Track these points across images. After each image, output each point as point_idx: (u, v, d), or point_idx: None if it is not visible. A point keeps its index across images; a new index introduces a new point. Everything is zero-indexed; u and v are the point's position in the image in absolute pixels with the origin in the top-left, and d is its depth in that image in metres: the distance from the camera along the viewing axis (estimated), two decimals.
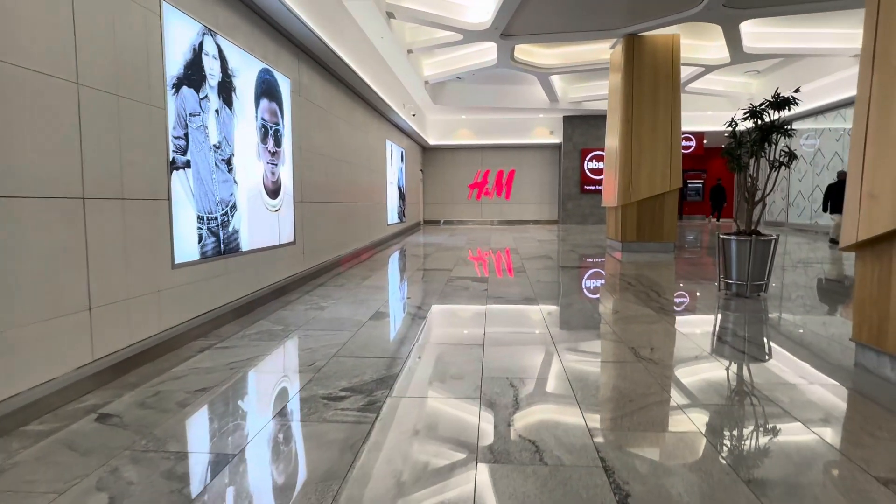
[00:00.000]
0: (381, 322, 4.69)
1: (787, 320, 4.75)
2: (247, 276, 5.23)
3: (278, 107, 5.99)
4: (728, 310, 5.19)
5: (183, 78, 4.08)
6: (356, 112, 9.67)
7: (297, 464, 2.24)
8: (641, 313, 4.97)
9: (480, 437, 2.44)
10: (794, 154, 5.41)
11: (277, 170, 5.98)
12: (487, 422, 2.60)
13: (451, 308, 5.32)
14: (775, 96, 5.26)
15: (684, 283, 6.86)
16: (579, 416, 2.67)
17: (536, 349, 3.84)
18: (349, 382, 3.18)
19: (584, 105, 16.90)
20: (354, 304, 5.48)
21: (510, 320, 4.74)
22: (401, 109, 12.53)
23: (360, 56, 8.46)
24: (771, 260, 5.61)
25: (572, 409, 2.76)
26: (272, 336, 4.26)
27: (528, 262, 8.72)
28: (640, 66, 9.69)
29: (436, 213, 20.90)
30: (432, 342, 4.04)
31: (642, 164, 9.79)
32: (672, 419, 2.63)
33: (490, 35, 9.76)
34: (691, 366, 3.46)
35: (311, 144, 7.19)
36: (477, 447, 2.34)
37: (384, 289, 6.35)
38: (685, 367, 3.44)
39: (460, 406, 2.81)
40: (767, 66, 14.04)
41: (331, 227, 8.08)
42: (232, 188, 4.89)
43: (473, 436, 2.46)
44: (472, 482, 2.07)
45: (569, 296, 6.00)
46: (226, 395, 3.00)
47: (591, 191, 19.08)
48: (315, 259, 7.25)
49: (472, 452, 2.30)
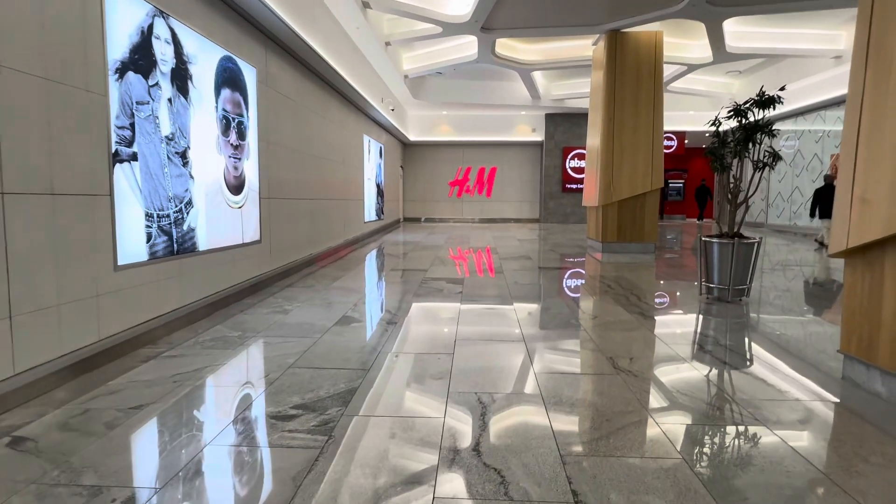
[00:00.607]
0: (346, 328, 4.41)
1: (769, 327, 4.58)
2: (205, 278, 4.91)
3: (242, 97, 5.65)
4: (709, 315, 5.01)
5: (129, 62, 3.75)
6: (331, 106, 9.33)
7: (228, 501, 1.96)
8: (620, 319, 4.76)
9: (440, 464, 2.19)
10: (778, 155, 5.25)
11: (241, 164, 5.65)
12: (450, 446, 2.35)
13: (422, 313, 5.06)
14: (760, 95, 5.09)
15: (665, 286, 6.69)
16: (551, 438, 2.43)
17: (510, 360, 3.60)
18: (302, 398, 2.90)
19: (566, 103, 16.73)
20: (321, 307, 5.19)
21: (483, 328, 4.49)
22: (379, 104, 12.21)
23: (334, 47, 8.13)
24: (754, 263, 5.45)
25: (544, 430, 2.51)
26: (227, 343, 3.96)
27: (506, 263, 8.49)
28: (623, 63, 9.51)
29: (416, 211, 20.60)
30: (397, 351, 3.78)
31: (623, 164, 9.62)
32: (651, 443, 2.40)
33: (470, 28, 9.49)
34: (672, 379, 3.25)
35: (280, 138, 6.86)
36: (436, 477, 2.09)
37: (355, 291, 6.06)
38: (665, 381, 3.22)
39: (421, 427, 2.55)
40: (749, 66, 14.00)
41: (302, 225, 7.76)
42: (187, 183, 4.56)
43: (433, 462, 2.20)
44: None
45: (546, 299, 5.78)
46: (162, 414, 2.70)
47: (572, 189, 18.96)
48: (283, 258, 6.93)
49: (429, 484, 2.04)
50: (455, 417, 2.66)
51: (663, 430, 2.52)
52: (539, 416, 2.68)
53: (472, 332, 4.31)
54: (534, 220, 20.32)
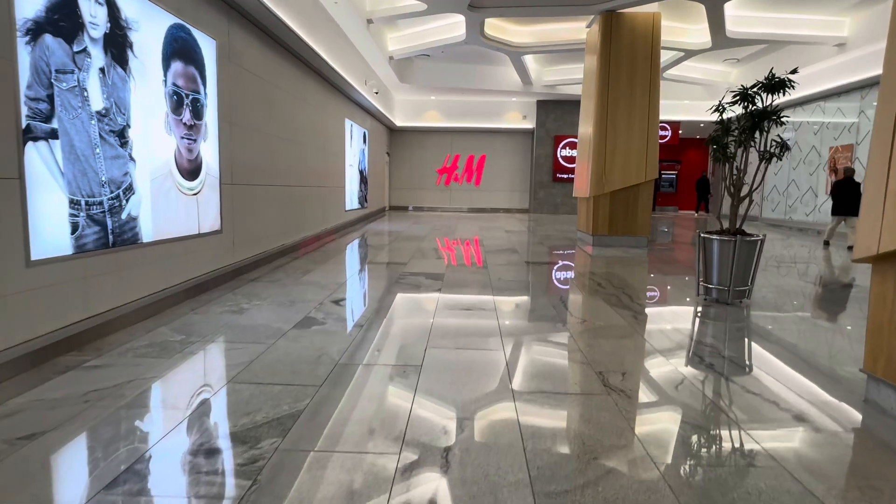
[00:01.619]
0: (306, 332, 3.92)
1: (776, 336, 4.15)
2: (151, 273, 4.39)
3: (198, 72, 5.10)
4: (708, 319, 4.58)
5: (45, 23, 3.20)
6: (308, 86, 8.76)
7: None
8: (612, 323, 4.31)
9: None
10: (786, 144, 4.80)
11: (196, 146, 5.10)
12: (401, 496, 1.89)
13: (394, 314, 4.58)
14: (769, 77, 4.62)
15: (659, 285, 6.26)
16: (527, 485, 1.97)
17: (485, 377, 3.13)
18: (234, 425, 2.43)
19: (558, 89, 16.20)
20: (283, 305, 4.70)
21: (459, 334, 4.02)
22: (362, 87, 11.63)
23: (308, 21, 7.55)
24: (756, 263, 5.02)
25: (519, 473, 2.06)
26: (164, 350, 3.46)
27: (491, 256, 8.03)
28: (618, 46, 9.00)
29: (403, 199, 20.04)
30: (357, 362, 3.30)
31: (616, 153, 9.15)
32: (647, 493, 1.95)
33: (457, 5, 8.93)
34: (670, 400, 2.81)
35: (247, 119, 6.30)
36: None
37: (324, 286, 5.57)
38: (663, 404, 2.78)
39: (370, 466, 2.08)
40: (747, 54, 13.53)
41: (272, 214, 7.23)
42: (126, 166, 4.02)
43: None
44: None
45: (532, 299, 5.32)
46: (53, 447, 2.21)
47: (563, 179, 18.49)
48: (249, 250, 6.41)
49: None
50: (412, 455, 2.19)
51: (661, 472, 2.07)
52: (514, 454, 2.22)
53: (447, 338, 3.84)
54: (523, 211, 19.84)
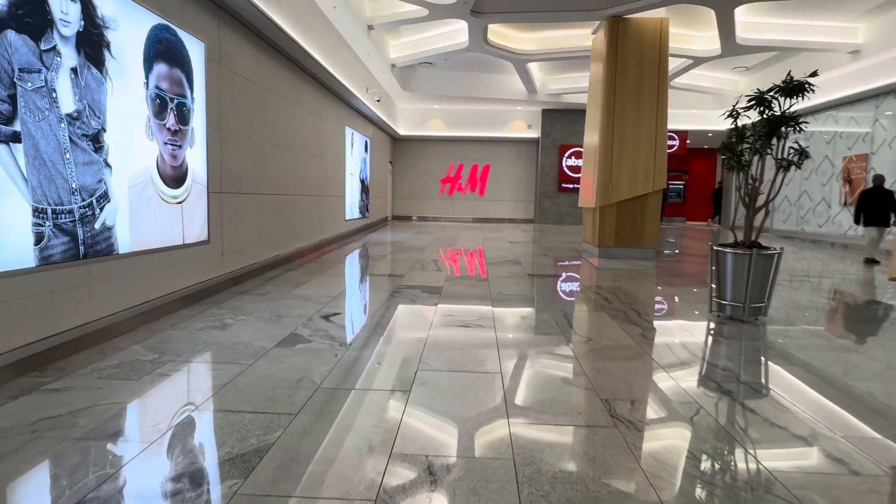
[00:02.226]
0: (289, 351, 3.64)
1: (796, 357, 3.83)
2: (128, 286, 4.13)
3: (185, 75, 4.87)
4: (722, 337, 4.27)
5: (7, 18, 2.97)
6: (305, 93, 8.55)
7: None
8: (619, 343, 4.01)
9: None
10: (806, 152, 4.51)
11: (181, 152, 4.87)
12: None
13: (385, 332, 4.30)
14: (787, 81, 4.34)
15: (668, 300, 5.95)
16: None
17: (479, 406, 2.84)
18: (192, 463, 2.15)
19: (563, 98, 15.98)
20: (268, 321, 4.43)
21: (454, 355, 3.73)
22: (363, 94, 11.43)
23: (305, 25, 7.35)
24: (773, 278, 4.71)
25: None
26: (133, 371, 3.19)
27: (494, 268, 7.74)
28: (625, 52, 8.75)
29: (406, 209, 19.80)
30: (340, 386, 3.01)
31: (623, 162, 8.87)
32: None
33: (459, 11, 8.72)
34: (683, 435, 2.50)
35: (238, 125, 6.08)
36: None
37: (315, 300, 5.30)
38: (676, 439, 2.48)
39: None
40: (756, 62, 13.26)
41: (264, 223, 6.98)
42: (101, 173, 3.78)
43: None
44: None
45: (534, 315, 5.03)
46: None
47: (569, 189, 18.21)
48: (239, 261, 6.15)
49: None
50: (391, 500, 1.90)
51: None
52: (509, 498, 1.93)
53: (440, 359, 3.55)
54: (528, 221, 19.55)
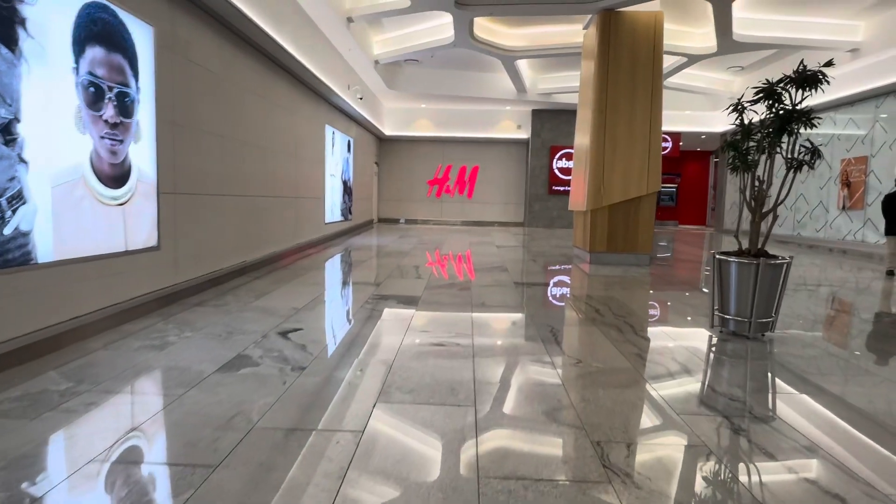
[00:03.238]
0: (230, 377, 3.13)
1: (811, 381, 3.37)
2: (49, 301, 3.60)
3: (128, 62, 4.35)
4: (726, 357, 3.81)
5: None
6: (278, 88, 8.03)
7: None
8: (612, 366, 3.53)
9: None
10: (818, 151, 4.06)
11: (123, 148, 4.34)
12: None
13: (345, 353, 3.79)
14: (799, 70, 3.89)
15: (665, 312, 5.49)
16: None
17: (446, 452, 2.34)
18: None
19: (554, 98, 15.54)
20: (217, 338, 3.91)
21: (422, 383, 3.23)
22: (344, 91, 10.92)
23: (276, 15, 6.83)
24: (781, 290, 4.26)
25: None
26: (34, 406, 2.66)
27: (478, 276, 7.25)
28: (617, 47, 8.31)
29: (392, 211, 19.28)
30: (279, 425, 2.50)
31: (616, 163, 8.43)
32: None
33: (443, 2, 8.25)
34: (690, 492, 2.02)
35: (197, 120, 5.55)
36: None
37: (276, 313, 4.78)
38: (683, 496, 1.99)
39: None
40: (752, 61, 12.90)
41: (229, 227, 6.45)
42: (14, 169, 3.25)
43: None
44: None
45: (518, 332, 4.54)
46: None
47: (559, 192, 17.77)
48: (196, 269, 5.61)
49: None
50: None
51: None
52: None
53: (406, 387, 3.05)
54: (518, 224, 19.09)
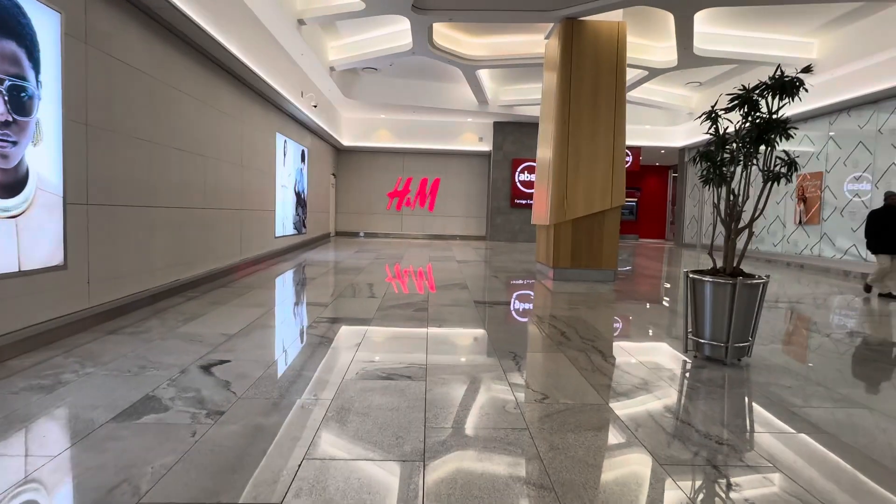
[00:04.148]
0: (127, 428, 2.56)
1: (798, 415, 3.03)
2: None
3: (24, 51, 3.74)
4: (703, 386, 3.45)
5: None
6: (221, 92, 7.44)
7: None
8: (583, 402, 3.12)
9: None
10: (795, 162, 3.80)
11: (17, 151, 3.71)
12: None
13: (274, 389, 3.25)
14: (775, 77, 3.62)
15: (635, 335, 5.15)
16: None
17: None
18: None
19: (516, 110, 15.35)
20: (124, 375, 3.32)
21: (364, 426, 2.73)
22: (298, 98, 10.36)
23: (216, 12, 6.27)
24: (758, 311, 3.96)
25: None
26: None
27: (436, 294, 6.79)
28: (580, 56, 8.08)
29: (350, 224, 18.66)
30: (170, 497, 1.96)
31: (579, 176, 8.16)
32: None
33: (399, 5, 7.85)
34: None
35: (118, 123, 4.94)
36: None
37: (203, 341, 4.19)
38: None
39: None
40: (709, 77, 13.02)
41: (159, 242, 5.81)
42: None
43: None
44: None
45: (477, 362, 4.09)
46: None
47: (522, 205, 17.55)
48: (115, 290, 4.96)
49: None
50: None
51: None
52: None
53: (343, 436, 2.55)
54: (480, 238, 18.77)
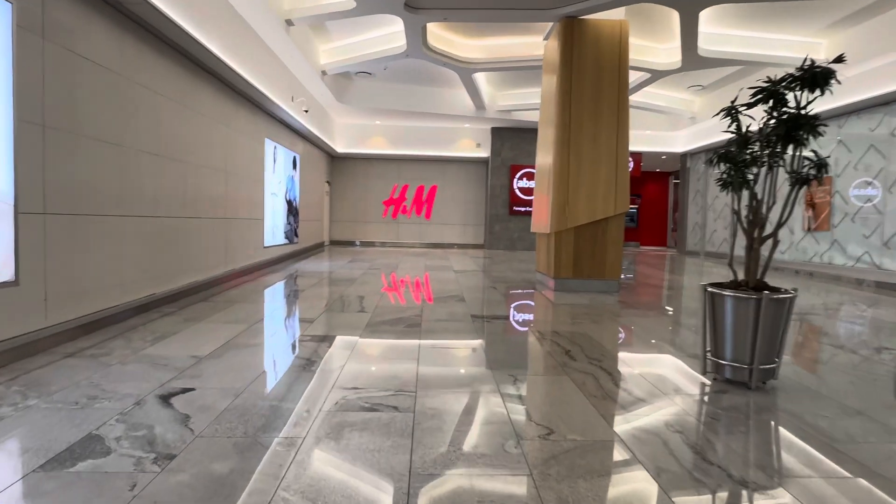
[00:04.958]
0: (52, 480, 2.15)
1: (841, 449, 2.61)
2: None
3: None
4: (726, 413, 3.03)
5: None
6: (204, 95, 7.06)
7: None
8: (593, 438, 2.71)
9: None
10: (824, 162, 3.41)
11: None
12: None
13: (243, 426, 2.83)
14: (804, 67, 3.24)
15: (647, 355, 4.73)
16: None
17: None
18: None
19: (514, 115, 15.00)
20: (69, 409, 2.90)
21: (335, 480, 2.32)
22: (288, 102, 10.00)
23: (195, 10, 5.90)
24: (784, 328, 3.56)
25: None
26: None
27: (431, 308, 6.38)
28: (581, 58, 7.72)
29: (345, 233, 18.26)
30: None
31: (581, 182, 7.77)
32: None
33: (391, 4, 7.49)
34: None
35: (82, 125, 4.55)
36: None
37: (169, 365, 3.78)
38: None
39: None
40: (712, 81, 12.69)
41: (131, 254, 5.40)
42: None
43: None
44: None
45: (473, 389, 3.67)
46: None
47: (521, 212, 17.17)
48: (78, 307, 4.54)
49: None
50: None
51: None
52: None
53: (312, 487, 2.14)
54: (478, 246, 18.37)
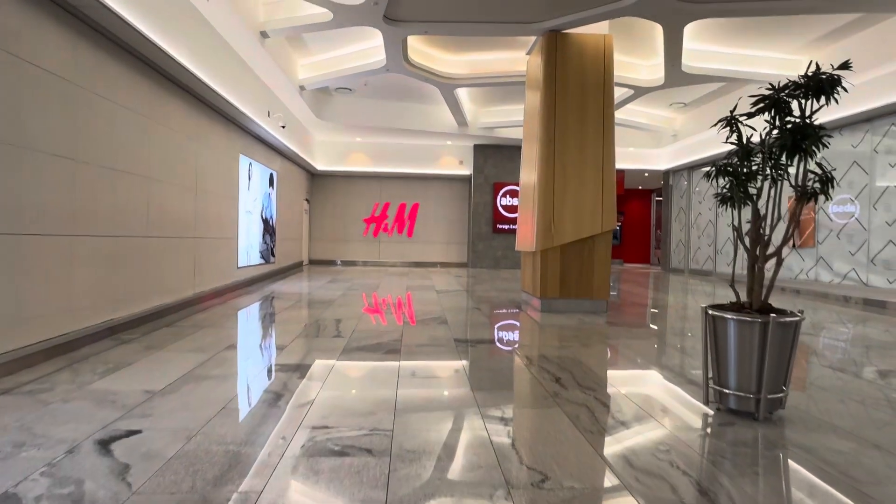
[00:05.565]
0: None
1: (867, 493, 2.32)
2: None
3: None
4: (734, 450, 2.72)
5: None
6: (170, 107, 6.70)
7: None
8: (591, 486, 2.38)
9: None
10: (830, 176, 3.18)
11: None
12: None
13: (192, 479, 2.44)
14: (809, 74, 3.01)
15: (642, 380, 4.43)
16: None
17: None
18: None
19: (496, 132, 14.86)
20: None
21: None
22: (264, 118, 9.67)
23: (160, 16, 5.58)
24: (791, 355, 3.29)
25: None
26: None
27: (411, 332, 6.03)
28: (565, 71, 7.55)
29: (325, 252, 17.84)
30: None
31: (567, 199, 7.54)
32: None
33: (369, 15, 7.26)
34: None
35: (28, 137, 4.17)
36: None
37: (115, 402, 3.37)
38: None
39: None
40: (694, 98, 12.70)
41: (85, 276, 4.98)
42: None
43: None
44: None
45: (456, 425, 3.32)
46: None
47: (504, 230, 16.96)
48: (16, 338, 4.09)
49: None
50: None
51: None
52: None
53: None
54: (461, 265, 18.07)
